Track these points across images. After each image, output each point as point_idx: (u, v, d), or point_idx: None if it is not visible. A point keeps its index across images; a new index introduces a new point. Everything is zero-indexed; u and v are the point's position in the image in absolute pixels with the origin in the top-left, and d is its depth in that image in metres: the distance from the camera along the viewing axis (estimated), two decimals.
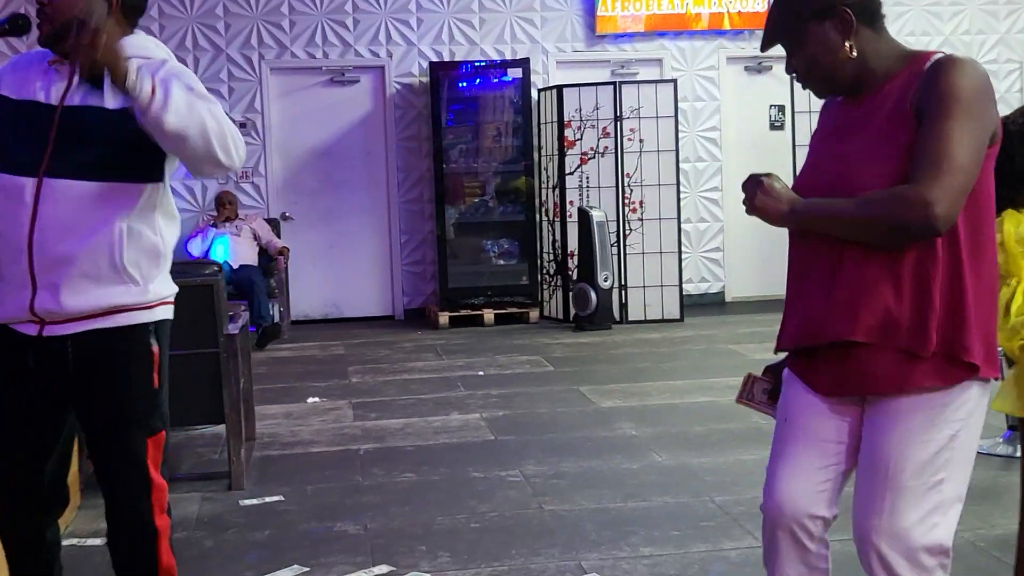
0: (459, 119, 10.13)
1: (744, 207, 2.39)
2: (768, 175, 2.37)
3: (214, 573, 4.04)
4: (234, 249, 9.48)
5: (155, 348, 2.94)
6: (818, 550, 2.43)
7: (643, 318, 9.68)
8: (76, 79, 2.76)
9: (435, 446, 5.72)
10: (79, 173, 2.76)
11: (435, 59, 10.27)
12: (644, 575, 3.87)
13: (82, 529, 4.55)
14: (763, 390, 2.63)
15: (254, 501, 4.89)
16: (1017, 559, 3.32)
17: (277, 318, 9.61)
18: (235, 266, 9.38)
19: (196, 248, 9.55)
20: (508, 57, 10.35)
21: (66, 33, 2.65)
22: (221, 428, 5.63)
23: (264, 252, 9.74)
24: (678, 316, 9.69)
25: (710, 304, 10.74)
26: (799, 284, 2.42)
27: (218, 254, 9.34)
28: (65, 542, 4.29)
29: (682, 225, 10.57)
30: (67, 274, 2.78)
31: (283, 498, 4.93)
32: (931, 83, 2.22)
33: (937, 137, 2.17)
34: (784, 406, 2.49)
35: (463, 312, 9.83)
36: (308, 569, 4.03)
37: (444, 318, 9.77)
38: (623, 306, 9.69)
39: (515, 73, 9.99)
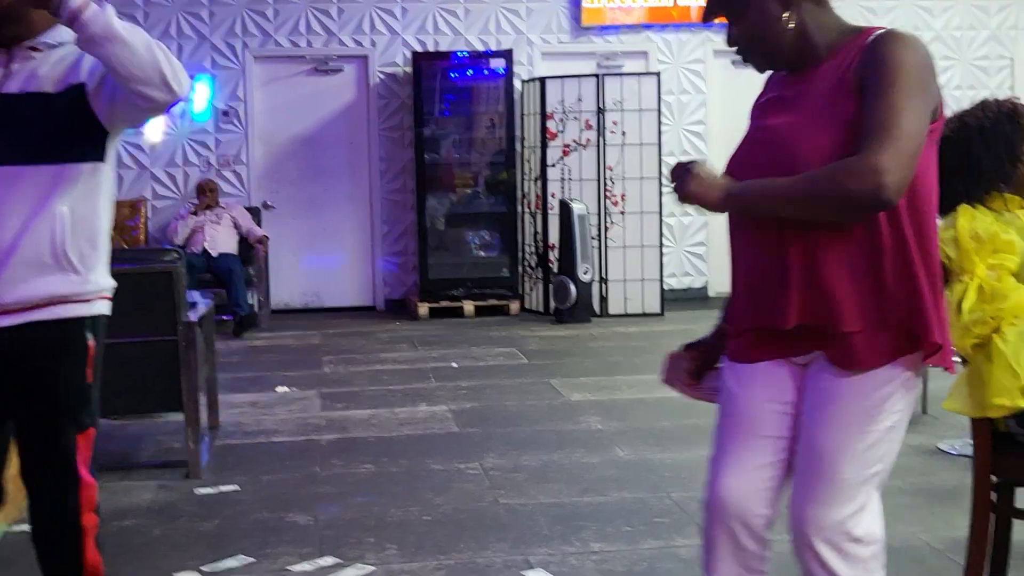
0: (442, 110, 10.07)
1: (676, 196, 2.33)
2: (694, 162, 2.32)
3: (158, 562, 3.99)
4: (213, 237, 9.43)
5: (91, 343, 2.89)
6: (757, 550, 2.38)
7: (623, 312, 9.64)
8: (13, 66, 2.73)
9: (398, 438, 5.68)
10: (17, 158, 2.70)
11: (419, 49, 10.22)
12: (591, 571, 3.83)
13: None
14: (686, 370, 2.57)
15: (209, 490, 4.85)
16: (967, 561, 3.28)
17: (257, 307, 9.58)
18: (214, 254, 9.34)
19: (177, 236, 9.52)
20: (493, 48, 10.29)
21: None
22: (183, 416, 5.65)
23: (244, 241, 9.70)
24: (658, 311, 9.65)
25: (693, 299, 10.69)
26: (744, 267, 2.36)
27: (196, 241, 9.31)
28: (17, 528, 4.29)
29: (665, 219, 10.54)
30: (7, 263, 2.71)
31: (239, 487, 4.89)
32: (875, 56, 2.17)
33: (884, 107, 2.11)
34: (726, 399, 2.44)
35: (443, 304, 9.79)
36: (253, 560, 3.99)
37: (424, 309, 9.73)
38: (603, 300, 9.64)
39: (498, 64, 9.94)
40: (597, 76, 9.63)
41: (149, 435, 5.80)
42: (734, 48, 2.36)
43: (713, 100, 10.75)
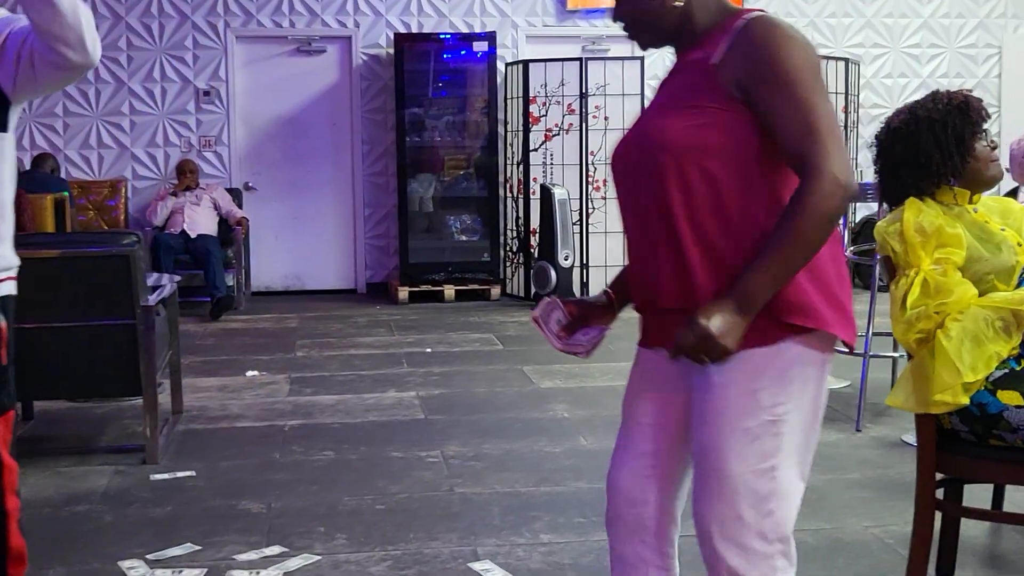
0: (424, 92, 9.99)
1: (701, 357, 2.10)
2: (699, 324, 2.08)
3: (105, 549, 3.96)
4: (192, 218, 9.38)
5: (3, 324, 2.86)
6: (652, 541, 2.34)
7: None
8: None
9: (362, 424, 5.64)
10: None
11: (403, 30, 10.15)
12: (537, 563, 3.79)
13: None
14: (558, 320, 2.46)
15: (165, 476, 4.81)
16: (909, 558, 3.25)
17: (236, 289, 9.53)
18: (192, 235, 9.29)
19: (157, 217, 9.48)
20: (478, 30, 10.22)
21: None
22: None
23: (224, 222, 9.65)
24: None
25: None
26: (628, 246, 2.35)
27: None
28: None
29: None
30: None
31: (195, 473, 4.85)
32: (758, 54, 2.12)
33: (800, 113, 2.09)
34: (628, 385, 2.41)
35: (424, 288, 9.74)
36: (200, 548, 3.96)
37: (404, 293, 9.68)
38: (584, 285, 9.59)
39: (482, 47, 9.86)
40: (581, 60, 9.55)
41: (113, 419, 5.77)
42: (618, 21, 2.32)
43: None
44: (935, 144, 3.17)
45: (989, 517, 3.78)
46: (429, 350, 7.54)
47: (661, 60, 10.49)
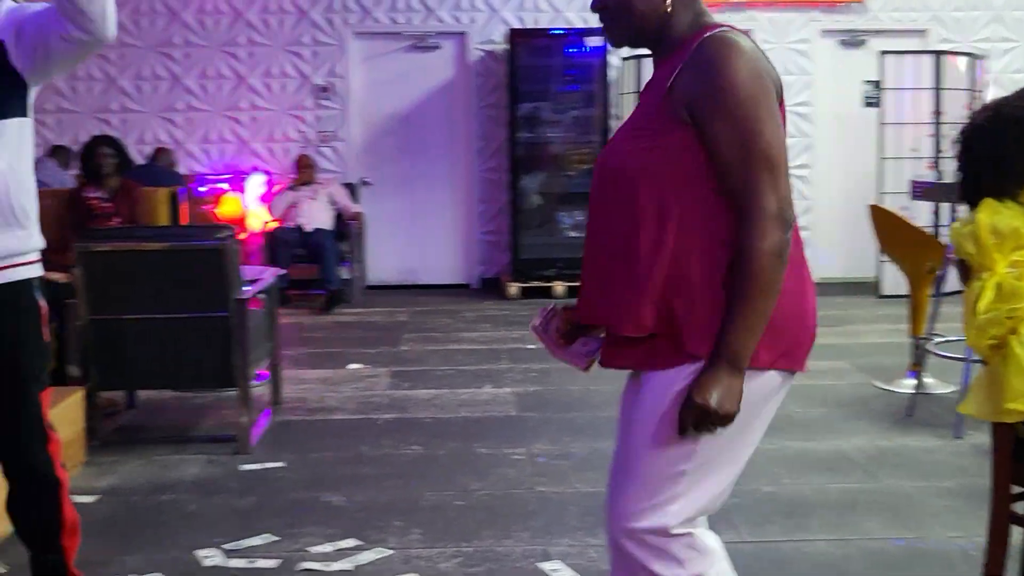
0: (537, 88, 9.94)
1: (709, 428, 2.12)
2: (697, 401, 2.08)
3: (184, 538, 4.03)
4: (309, 212, 9.53)
5: (42, 303, 2.99)
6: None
7: None
8: None
9: (454, 419, 5.65)
10: None
11: (517, 26, 10.14)
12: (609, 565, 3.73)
13: (78, 486, 4.60)
14: (557, 328, 2.41)
15: (254, 467, 4.89)
16: (983, 571, 3.11)
17: (351, 283, 9.67)
18: (308, 229, 9.44)
19: (274, 211, 9.66)
20: (595, 25, 10.15)
21: None
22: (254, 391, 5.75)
23: (340, 217, 9.78)
24: None
25: None
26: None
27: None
28: None
29: None
30: None
31: (284, 464, 4.92)
32: (704, 80, 2.08)
33: (739, 145, 2.06)
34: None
35: (534, 283, 9.72)
36: (278, 539, 4.01)
37: (514, 289, 9.68)
38: None
39: (595, 42, 9.79)
40: None
41: (212, 409, 5.89)
42: (598, 12, 2.25)
43: (819, 81, 10.43)
44: (1017, 144, 3.02)
45: None
46: (532, 346, 7.51)
47: (782, 56, 10.31)
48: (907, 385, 5.97)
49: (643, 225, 2.13)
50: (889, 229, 6.05)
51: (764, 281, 2.04)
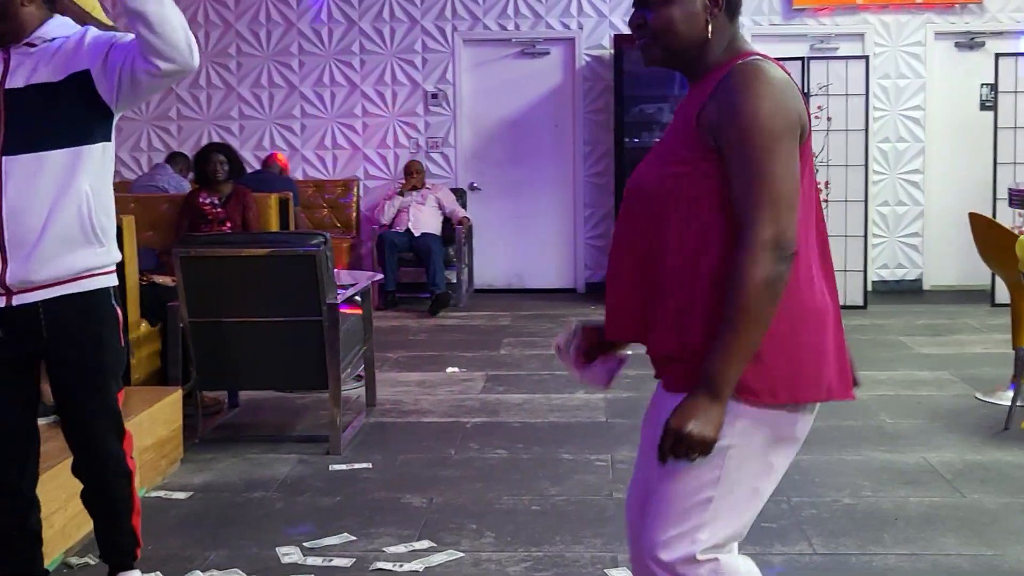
0: (643, 93, 9.93)
1: (686, 455, 2.12)
2: (675, 428, 2.08)
3: (267, 535, 4.17)
4: (417, 217, 9.70)
5: (119, 310, 3.21)
6: None
7: None
8: (12, 63, 2.98)
9: (542, 424, 5.72)
10: (37, 145, 2.97)
11: (625, 31, 10.16)
12: None
13: (174, 483, 4.81)
14: (576, 346, 2.42)
15: (342, 467, 5.03)
16: None
17: (459, 287, 9.81)
18: (416, 234, 9.61)
19: (384, 215, 9.84)
20: None
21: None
22: (350, 393, 5.93)
23: (448, 221, 9.93)
24: (861, 303, 9.28)
25: (906, 292, 10.23)
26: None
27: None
28: (153, 494, 4.60)
29: (879, 208, 10.20)
30: (39, 242, 2.99)
31: (371, 465, 5.05)
32: (726, 105, 2.08)
33: (747, 175, 2.06)
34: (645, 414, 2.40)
35: None
36: (355, 538, 4.13)
37: None
38: None
39: None
40: (802, 59, 9.32)
41: (310, 409, 6.06)
42: (637, 30, 2.25)
43: (933, 84, 10.22)
44: None
45: None
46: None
47: (894, 58, 10.14)
48: (1007, 397, 5.85)
49: (670, 249, 2.17)
50: (987, 236, 5.94)
51: (751, 310, 2.04)
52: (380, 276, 7.01)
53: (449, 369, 7.07)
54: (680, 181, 2.15)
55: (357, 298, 5.88)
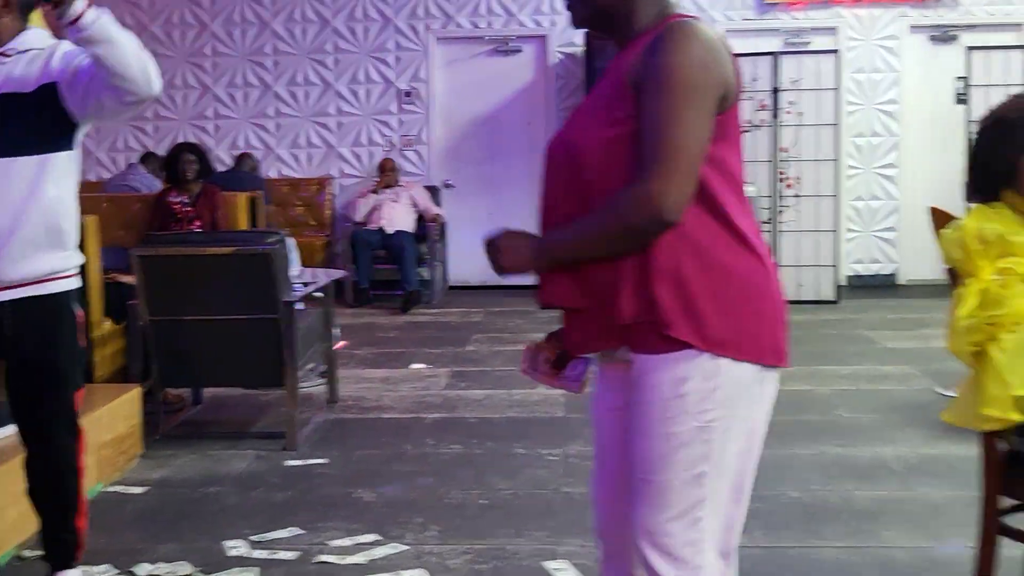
0: None
1: (497, 271, 2.26)
2: (499, 233, 2.24)
3: (218, 529, 4.19)
4: (390, 215, 9.73)
5: (79, 311, 3.30)
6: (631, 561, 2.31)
7: (796, 299, 9.34)
8: None
9: (499, 419, 5.75)
10: (5, 152, 3.07)
11: None
12: None
13: (132, 478, 4.84)
14: (546, 359, 2.40)
15: (297, 463, 5.05)
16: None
17: (435, 284, 9.84)
18: (389, 231, 9.64)
19: (357, 213, 9.87)
20: None
21: None
22: (312, 391, 5.95)
23: (423, 219, 9.96)
24: (832, 297, 9.33)
25: (880, 286, 10.28)
26: None
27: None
28: (110, 489, 4.63)
29: (853, 203, 10.22)
30: (7, 244, 3.10)
31: (328, 461, 5.08)
32: (649, 59, 2.05)
33: (654, 124, 2.02)
34: (591, 409, 2.39)
35: None
36: (304, 532, 4.15)
37: None
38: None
39: None
40: (773, 54, 9.35)
41: (274, 406, 6.08)
42: None
43: (908, 78, 10.27)
44: (996, 144, 3.00)
45: None
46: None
47: (869, 53, 10.17)
48: None
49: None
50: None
51: (600, 235, 2.06)
52: (344, 273, 7.04)
53: (413, 365, 7.09)
54: (616, 143, 2.10)
55: (320, 295, 5.90)
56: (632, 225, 2.04)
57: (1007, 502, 3.11)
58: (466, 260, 10.53)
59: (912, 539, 3.98)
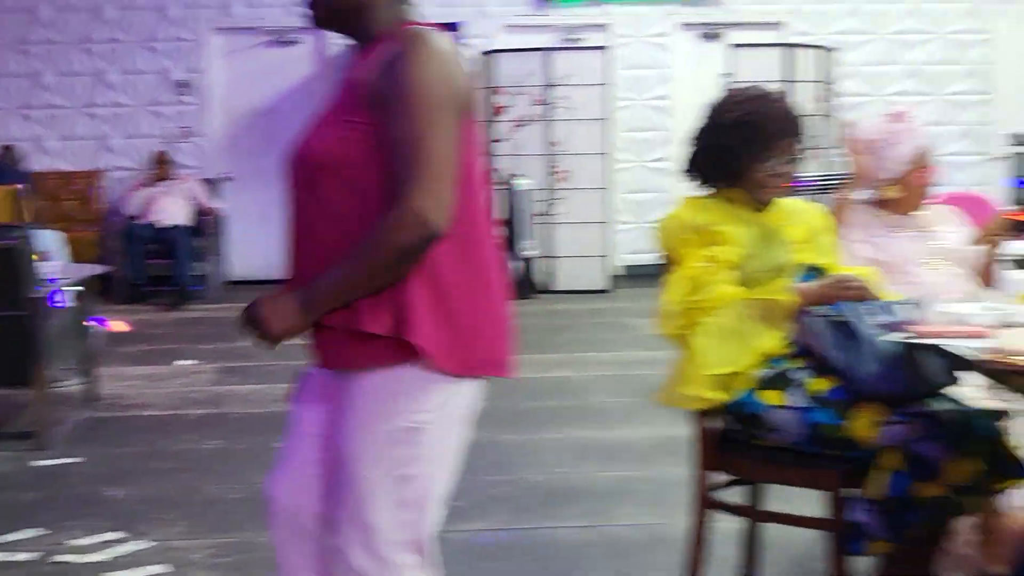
0: None
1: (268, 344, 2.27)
2: (253, 303, 2.26)
3: None
4: (164, 209, 9.56)
5: None
6: (318, 551, 2.35)
7: (572, 289, 9.62)
8: None
9: (263, 415, 5.76)
10: None
11: None
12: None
13: None
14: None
15: (47, 462, 4.95)
16: (684, 561, 3.26)
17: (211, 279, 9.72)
18: (163, 226, 9.46)
19: (130, 207, 9.66)
20: (453, 20, 10.25)
21: None
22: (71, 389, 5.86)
23: (199, 213, 9.81)
24: (602, 287, 9.62)
25: (653, 275, 10.57)
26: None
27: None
28: None
29: (626, 196, 10.53)
30: None
31: (82, 460, 4.99)
32: (393, 73, 2.10)
33: (407, 141, 2.07)
34: (297, 394, 2.45)
35: None
36: (49, 532, 4.08)
37: None
38: (550, 276, 9.63)
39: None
40: (546, 50, 9.57)
41: (24, 406, 5.90)
42: None
43: (678, 74, 10.65)
44: (719, 145, 3.20)
45: (746, 514, 3.58)
46: None
47: (639, 50, 10.50)
48: None
49: (333, 216, 2.16)
50: None
51: (373, 263, 2.07)
52: (105, 268, 6.88)
53: (178, 362, 7.01)
54: (348, 146, 2.13)
55: (78, 290, 5.78)
56: (404, 246, 2.07)
57: (723, 478, 3.32)
58: (248, 254, 10.42)
59: (644, 517, 4.18)
